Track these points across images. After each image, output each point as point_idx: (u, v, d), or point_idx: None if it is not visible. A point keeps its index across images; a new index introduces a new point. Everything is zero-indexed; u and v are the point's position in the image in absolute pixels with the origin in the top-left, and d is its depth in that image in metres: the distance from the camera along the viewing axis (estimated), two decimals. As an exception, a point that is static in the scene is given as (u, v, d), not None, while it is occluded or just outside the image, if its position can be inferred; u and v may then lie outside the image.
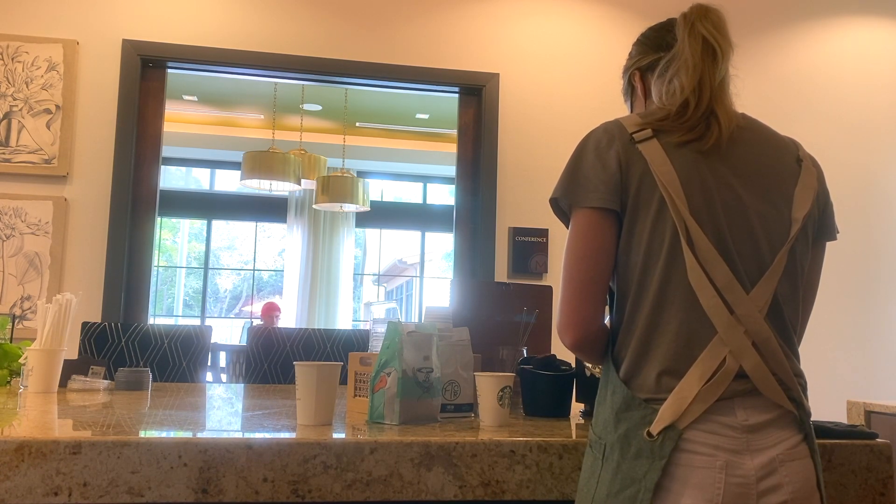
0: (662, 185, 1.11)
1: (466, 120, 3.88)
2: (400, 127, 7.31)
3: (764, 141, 1.21)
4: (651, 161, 1.13)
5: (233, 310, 10.17)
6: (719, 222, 1.11)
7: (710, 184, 1.13)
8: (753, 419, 1.07)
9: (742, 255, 1.12)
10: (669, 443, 1.04)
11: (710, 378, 1.06)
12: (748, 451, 1.05)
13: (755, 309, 1.09)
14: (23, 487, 1.10)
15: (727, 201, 1.13)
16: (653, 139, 1.15)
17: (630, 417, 1.08)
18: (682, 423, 1.05)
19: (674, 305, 1.10)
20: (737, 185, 1.15)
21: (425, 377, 1.45)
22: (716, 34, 1.21)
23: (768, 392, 1.08)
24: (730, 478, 1.04)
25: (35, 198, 3.36)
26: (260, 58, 3.61)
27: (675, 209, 1.10)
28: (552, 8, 3.88)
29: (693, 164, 1.14)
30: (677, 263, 1.10)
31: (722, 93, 1.20)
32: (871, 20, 4.17)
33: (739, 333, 1.07)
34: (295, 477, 1.17)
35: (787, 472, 1.06)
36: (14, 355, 2.14)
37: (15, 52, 3.40)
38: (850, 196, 4.02)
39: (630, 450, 1.07)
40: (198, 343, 2.80)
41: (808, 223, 1.19)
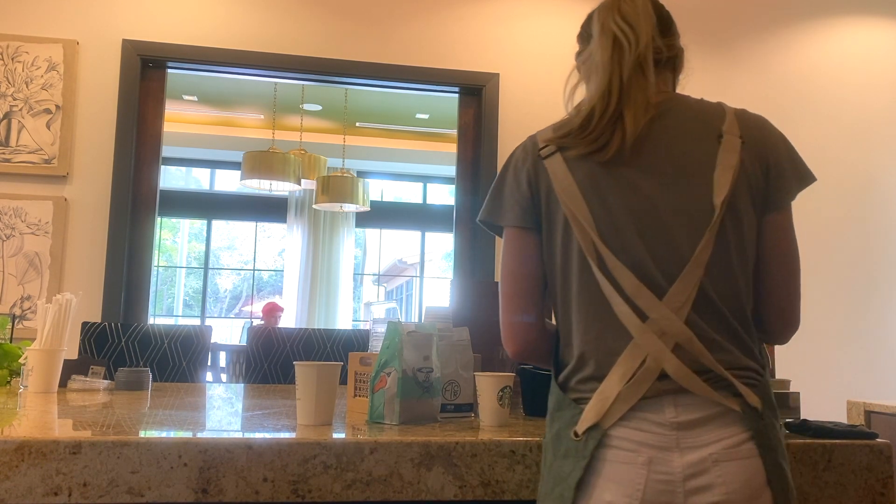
0: (564, 203, 1.13)
1: (466, 120, 3.88)
2: (400, 127, 7.31)
3: (681, 126, 1.15)
4: (553, 177, 1.15)
5: (233, 310, 10.17)
6: (625, 231, 1.10)
7: (612, 193, 1.12)
8: (685, 416, 1.05)
9: (657, 258, 1.09)
10: (592, 442, 1.06)
11: (632, 378, 1.06)
12: (677, 448, 1.03)
13: (670, 311, 1.07)
14: (23, 487, 1.10)
15: (633, 207, 1.11)
16: (556, 154, 1.16)
17: (561, 417, 1.11)
18: (606, 423, 1.06)
19: (592, 314, 1.11)
20: (646, 186, 1.12)
21: (425, 377, 1.45)
22: (625, 27, 1.15)
23: (697, 391, 1.05)
24: (653, 474, 1.03)
25: (35, 198, 3.36)
26: (260, 58, 3.61)
27: (578, 225, 1.11)
28: (552, 8, 3.88)
29: (594, 176, 1.13)
30: (589, 275, 1.11)
31: (636, 90, 1.14)
32: (871, 20, 4.17)
33: (654, 338, 1.06)
34: (295, 477, 1.17)
35: (721, 473, 1.02)
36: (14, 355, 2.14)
37: (15, 52, 3.40)
38: (850, 196, 4.02)
39: (560, 449, 1.10)
40: (198, 343, 2.80)
41: (735, 204, 1.11)
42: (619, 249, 1.10)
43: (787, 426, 1.41)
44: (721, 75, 3.93)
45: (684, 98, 1.21)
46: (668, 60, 1.23)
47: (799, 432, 1.38)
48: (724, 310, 1.10)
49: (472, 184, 3.86)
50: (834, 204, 4.00)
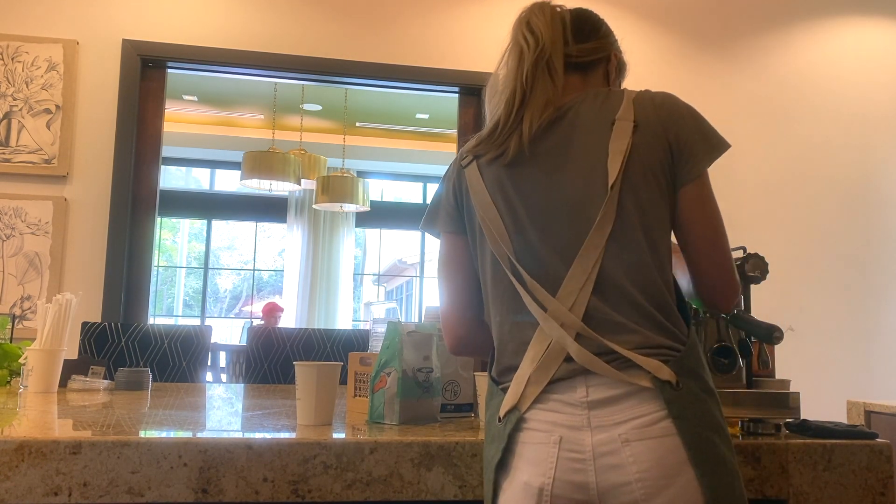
0: (477, 208, 1.20)
1: (466, 120, 3.88)
2: (400, 127, 7.31)
3: (579, 121, 1.18)
4: (469, 185, 1.23)
5: (233, 310, 10.17)
6: (526, 229, 1.15)
7: (515, 194, 1.17)
8: (595, 395, 1.06)
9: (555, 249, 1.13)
10: (509, 425, 1.09)
11: (540, 361, 1.09)
12: (588, 427, 1.05)
13: (562, 304, 1.10)
14: (23, 487, 1.10)
15: (532, 204, 1.16)
16: (473, 163, 1.23)
17: (491, 405, 1.16)
18: (522, 406, 1.09)
19: (506, 309, 1.16)
20: (543, 182, 1.16)
21: (425, 377, 1.45)
22: (528, 36, 1.21)
23: (601, 372, 1.06)
24: (564, 452, 1.05)
25: (35, 198, 3.36)
26: (260, 58, 3.61)
27: (488, 229, 1.18)
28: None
29: (499, 180, 1.19)
30: (501, 274, 1.17)
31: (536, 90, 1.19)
32: (871, 20, 4.17)
33: (555, 325, 1.09)
34: (295, 477, 1.17)
35: (631, 452, 1.02)
36: (14, 355, 2.14)
37: (15, 52, 3.40)
38: (849, 195, 4.02)
39: (489, 435, 1.14)
40: (198, 343, 2.80)
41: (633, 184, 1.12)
42: (523, 248, 1.15)
43: (787, 426, 1.41)
44: (721, 75, 3.93)
45: (594, 93, 1.22)
46: (591, 64, 1.27)
47: (799, 432, 1.38)
48: (631, 291, 1.10)
49: (472, 184, 3.86)
50: (833, 203, 4.00)
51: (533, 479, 1.05)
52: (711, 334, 1.40)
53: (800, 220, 3.96)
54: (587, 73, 1.27)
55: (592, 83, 1.27)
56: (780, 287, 3.79)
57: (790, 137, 4.00)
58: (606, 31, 1.31)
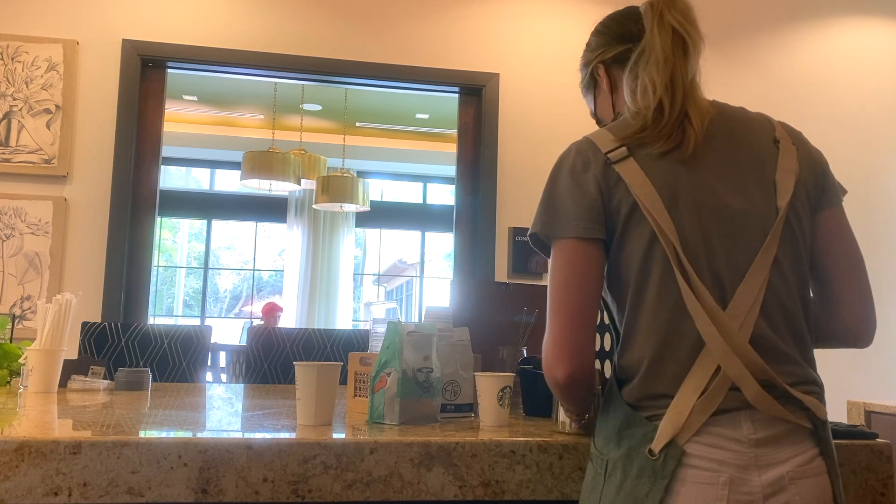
0: (646, 210, 1.07)
1: (466, 120, 3.88)
2: (400, 127, 7.32)
3: (737, 129, 1.15)
4: (631, 183, 1.08)
5: (233, 310, 10.17)
6: (707, 238, 1.07)
7: (690, 197, 1.08)
8: (762, 433, 1.02)
9: (729, 262, 1.07)
10: (671, 462, 1.01)
11: (706, 389, 1.02)
12: (755, 466, 1.01)
13: (736, 326, 1.03)
14: (23, 487, 1.10)
15: (712, 208, 1.08)
16: (629, 158, 1.10)
17: (632, 435, 1.05)
18: (682, 438, 1.01)
19: (668, 327, 1.06)
20: (718, 187, 1.10)
21: (425, 377, 1.45)
22: (686, 24, 1.15)
23: (768, 410, 1.02)
24: (734, 494, 0.99)
25: (35, 198, 3.36)
26: (260, 58, 3.61)
27: (663, 235, 1.06)
28: (552, 8, 3.88)
29: (674, 178, 1.09)
30: (670, 287, 1.06)
31: (694, 89, 1.15)
32: (871, 20, 4.17)
33: (733, 357, 1.02)
34: (295, 477, 1.17)
35: (797, 490, 1.01)
36: (14, 355, 2.14)
37: (15, 52, 3.40)
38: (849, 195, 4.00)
39: (633, 469, 1.04)
40: (198, 343, 2.80)
41: (796, 206, 1.12)
42: (703, 262, 1.07)
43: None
44: (721, 75, 3.93)
45: (725, 104, 1.21)
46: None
47: (799, 432, 1.38)
48: (794, 317, 1.08)
49: (472, 184, 3.86)
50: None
51: None
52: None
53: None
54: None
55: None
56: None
57: (790, 137, 4.00)
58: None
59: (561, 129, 3.82)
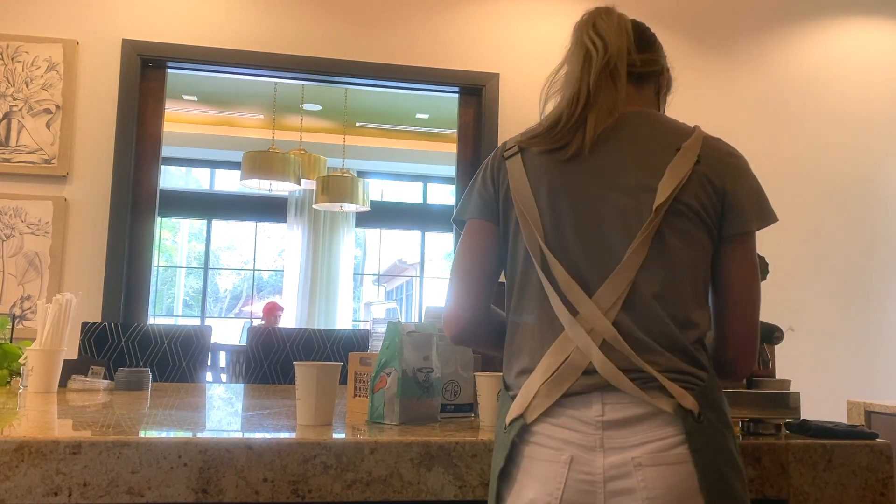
0: (515, 200, 1.17)
1: (466, 120, 3.88)
2: (400, 127, 7.31)
3: (642, 136, 1.17)
4: (511, 176, 1.20)
5: (233, 310, 10.17)
6: (565, 229, 1.13)
7: (561, 192, 1.15)
8: (612, 415, 1.03)
9: (591, 256, 1.11)
10: (512, 432, 1.07)
11: (555, 372, 1.06)
12: (601, 448, 1.02)
13: (598, 308, 1.07)
14: (23, 487, 1.10)
15: (577, 205, 1.13)
16: (517, 155, 1.21)
17: (501, 413, 1.14)
18: (529, 416, 1.07)
19: (529, 310, 1.14)
20: (593, 187, 1.14)
21: (425, 377, 1.45)
22: (596, 39, 1.20)
23: (624, 388, 1.03)
24: (574, 473, 1.02)
25: (35, 198, 3.36)
26: (260, 58, 3.61)
27: (525, 222, 1.15)
28: (552, 8, 3.88)
29: (547, 174, 1.17)
30: (531, 271, 1.14)
31: (601, 94, 1.17)
32: (871, 20, 4.17)
33: (582, 332, 1.06)
34: (295, 477, 1.17)
35: (643, 477, 1.00)
36: (14, 355, 2.14)
37: (15, 52, 3.40)
38: (849, 196, 4.02)
39: (497, 442, 1.12)
40: (198, 343, 2.80)
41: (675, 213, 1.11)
42: (559, 247, 1.13)
43: (787, 426, 1.41)
44: (721, 75, 3.92)
45: (656, 114, 1.23)
46: (647, 76, 1.27)
47: (799, 432, 1.38)
48: (661, 313, 1.08)
49: (472, 184, 3.85)
50: (834, 203, 4.00)
51: (539, 497, 1.03)
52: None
53: (800, 220, 3.96)
54: (642, 85, 1.26)
55: (646, 95, 1.27)
56: (781, 287, 3.79)
57: (790, 138, 4.00)
58: (659, 45, 1.32)
59: (561, 129, 3.81)
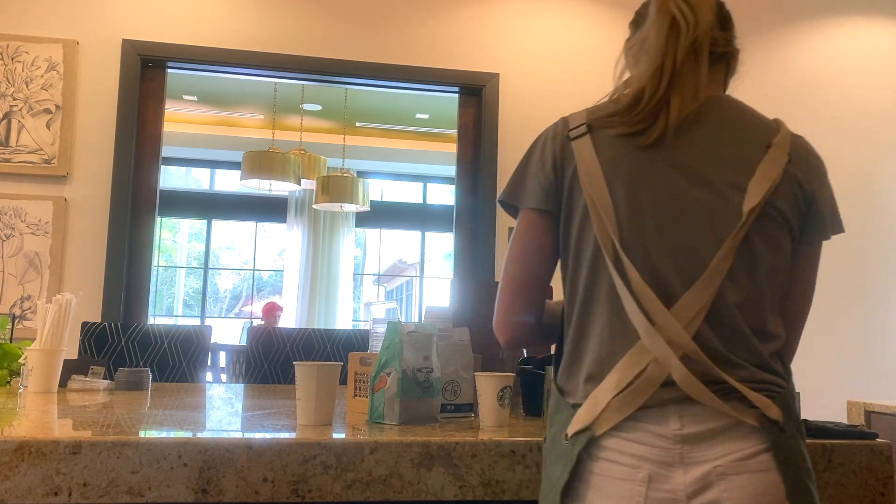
0: (585, 188, 1.06)
1: (466, 120, 3.88)
2: (400, 127, 7.32)
3: (727, 125, 1.09)
4: (579, 160, 1.08)
5: (233, 310, 10.17)
6: (645, 225, 1.03)
7: (639, 181, 1.05)
8: (691, 428, 0.96)
9: (674, 259, 1.02)
10: (578, 445, 0.99)
11: (628, 386, 0.98)
12: (681, 463, 0.95)
13: (677, 319, 0.99)
14: (23, 487, 1.10)
15: (658, 196, 1.04)
16: (586, 136, 1.09)
17: (557, 421, 1.05)
18: (597, 429, 0.99)
19: (599, 311, 1.05)
20: (676, 179, 1.04)
21: (425, 377, 1.45)
22: (685, 9, 1.08)
23: (705, 401, 0.96)
24: (653, 492, 0.95)
25: (35, 198, 3.36)
26: (260, 58, 3.61)
27: (597, 214, 1.04)
28: (552, 8, 3.88)
29: (623, 161, 1.06)
30: (601, 268, 1.04)
31: (685, 72, 1.07)
32: (871, 20, 4.17)
33: (661, 342, 0.98)
34: (295, 477, 1.17)
35: (727, 487, 0.93)
36: (14, 355, 2.14)
37: (15, 52, 3.40)
38: (849, 196, 4.02)
39: (553, 453, 1.04)
40: (198, 343, 2.80)
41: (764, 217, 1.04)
42: (636, 245, 1.03)
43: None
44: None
45: (739, 102, 1.15)
46: (721, 56, 1.18)
47: (799, 432, 1.38)
48: (742, 325, 1.01)
49: (472, 184, 3.86)
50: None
51: None
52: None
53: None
54: (715, 66, 1.16)
55: (717, 78, 1.18)
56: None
57: (790, 137, 3.99)
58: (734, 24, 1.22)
59: (561, 129, 3.82)
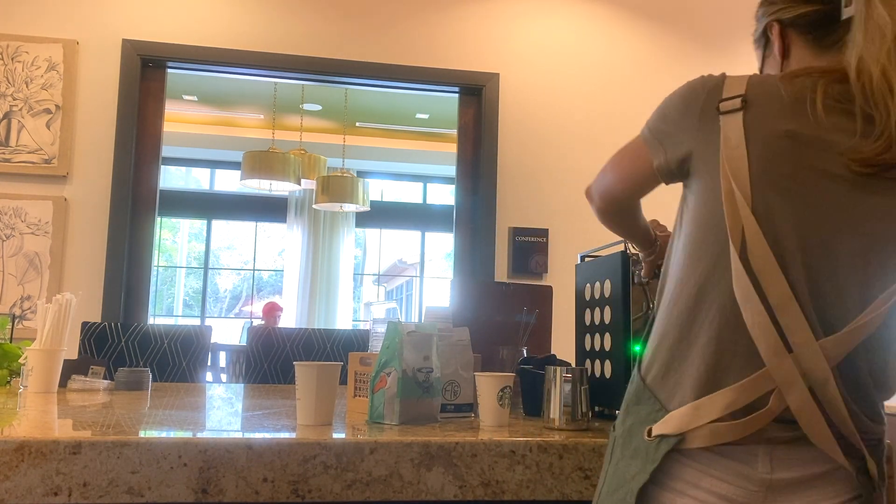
0: (725, 172, 0.91)
1: (466, 120, 3.88)
2: (400, 127, 7.32)
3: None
4: (724, 139, 0.93)
5: (233, 310, 10.17)
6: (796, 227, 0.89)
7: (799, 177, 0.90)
8: (781, 474, 0.88)
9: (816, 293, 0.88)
10: (664, 447, 0.90)
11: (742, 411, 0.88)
12: None
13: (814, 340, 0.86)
14: (23, 487, 1.10)
15: (822, 204, 0.89)
16: (739, 112, 0.93)
17: (638, 412, 0.96)
18: (690, 442, 0.90)
19: (709, 316, 0.92)
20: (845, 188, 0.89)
21: (425, 377, 1.45)
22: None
23: (817, 439, 0.87)
24: None
25: (35, 198, 3.36)
26: (260, 58, 3.61)
27: (731, 203, 0.90)
28: (552, 8, 3.88)
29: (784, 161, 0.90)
30: (723, 267, 0.91)
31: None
32: (871, 20, 4.17)
33: (788, 363, 0.86)
34: (295, 477, 1.17)
35: None
36: (14, 355, 2.14)
37: (15, 52, 3.40)
38: (850, 196, 4.02)
39: (630, 447, 0.95)
40: (198, 343, 2.80)
41: None
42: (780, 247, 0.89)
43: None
44: (721, 75, 3.92)
45: None
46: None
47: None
48: (869, 382, 0.91)
49: (472, 184, 3.86)
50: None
51: None
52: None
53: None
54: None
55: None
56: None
57: (790, 137, 4.00)
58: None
59: (561, 129, 3.82)
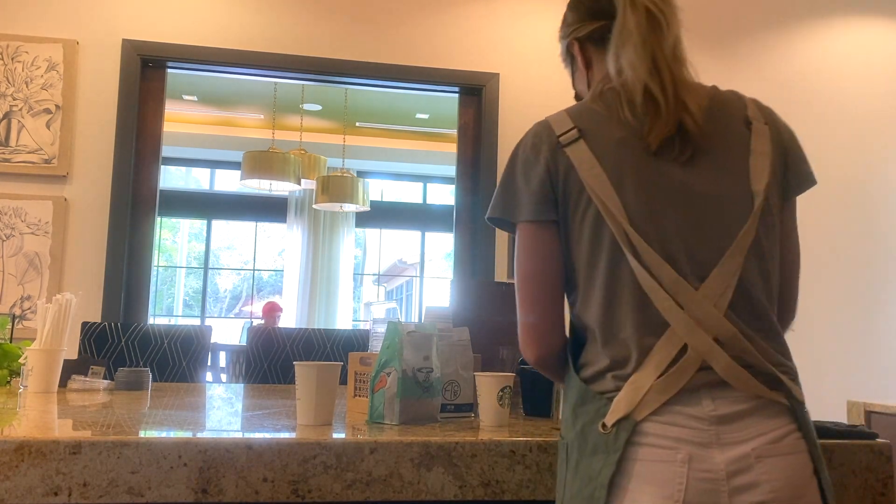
0: (593, 192, 1.06)
1: (466, 120, 3.88)
2: (400, 127, 7.32)
3: (716, 112, 1.11)
4: (578, 166, 1.08)
5: (233, 310, 10.17)
6: (659, 218, 1.05)
7: (644, 179, 1.06)
8: (724, 409, 0.98)
9: (693, 247, 1.04)
10: (623, 434, 0.98)
11: (668, 368, 1.00)
12: (717, 444, 0.97)
13: (710, 304, 1.01)
14: (23, 487, 1.10)
15: (669, 193, 1.06)
16: (579, 141, 1.09)
17: (586, 412, 1.04)
18: (638, 415, 0.99)
19: (624, 307, 1.04)
20: (680, 171, 1.07)
21: (425, 377, 1.45)
22: (658, 3, 1.10)
23: (743, 387, 0.99)
24: (694, 472, 0.95)
25: (35, 198, 3.36)
26: (260, 58, 3.61)
27: (610, 215, 1.05)
28: (553, 8, 3.88)
29: (627, 162, 1.07)
30: (622, 267, 1.05)
31: (679, 67, 1.10)
32: (871, 20, 4.17)
33: (700, 333, 1.00)
34: (295, 477, 1.17)
35: (765, 469, 0.96)
36: (14, 355, 2.14)
37: (15, 52, 3.40)
38: (849, 196, 4.02)
39: (587, 446, 1.02)
40: (198, 343, 2.80)
41: (770, 192, 1.08)
42: (654, 239, 1.04)
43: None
44: (721, 75, 3.92)
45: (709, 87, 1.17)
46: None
47: (799, 432, 1.38)
48: (763, 302, 1.05)
49: (472, 184, 3.86)
50: (834, 204, 4.00)
51: (657, 502, 0.95)
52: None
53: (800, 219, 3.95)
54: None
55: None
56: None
57: (790, 137, 3.99)
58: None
59: (561, 129, 3.82)
